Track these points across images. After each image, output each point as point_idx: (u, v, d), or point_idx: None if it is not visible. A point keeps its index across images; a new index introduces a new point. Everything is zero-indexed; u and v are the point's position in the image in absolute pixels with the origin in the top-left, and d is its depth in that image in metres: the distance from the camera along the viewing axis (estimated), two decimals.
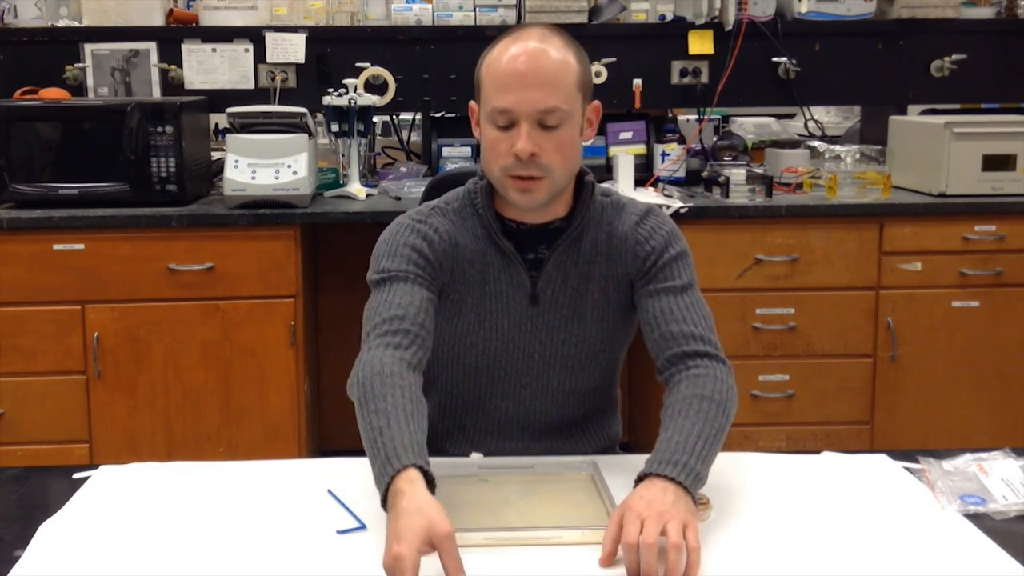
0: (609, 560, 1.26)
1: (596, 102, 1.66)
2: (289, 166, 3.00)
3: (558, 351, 1.69)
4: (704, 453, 1.40)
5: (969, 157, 3.11)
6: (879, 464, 1.58)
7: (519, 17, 3.41)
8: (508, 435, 1.75)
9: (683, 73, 3.48)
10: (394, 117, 3.80)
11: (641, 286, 1.66)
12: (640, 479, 1.37)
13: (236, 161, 3.01)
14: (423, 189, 2.19)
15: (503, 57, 1.55)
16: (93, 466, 1.59)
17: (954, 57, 3.49)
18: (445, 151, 3.44)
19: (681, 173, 3.39)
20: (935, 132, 3.15)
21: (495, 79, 1.55)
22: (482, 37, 1.66)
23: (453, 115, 3.52)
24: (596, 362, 1.72)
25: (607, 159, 3.42)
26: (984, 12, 3.57)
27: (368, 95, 3.26)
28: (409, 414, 1.38)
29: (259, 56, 3.41)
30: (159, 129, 2.99)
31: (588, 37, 3.36)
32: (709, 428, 1.44)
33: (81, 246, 2.94)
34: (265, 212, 2.97)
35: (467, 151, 3.39)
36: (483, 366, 1.70)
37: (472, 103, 1.66)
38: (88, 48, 3.39)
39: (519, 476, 1.51)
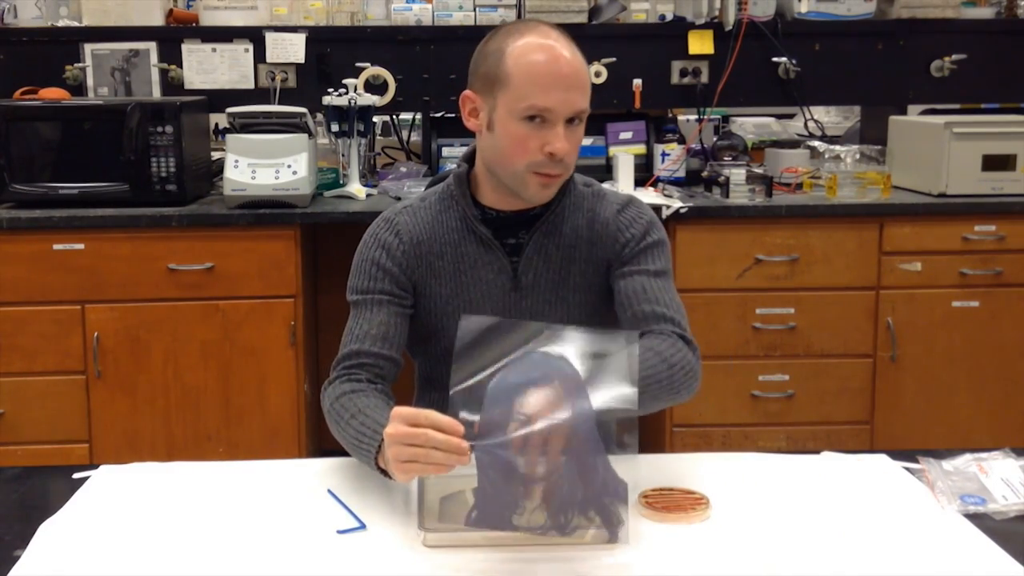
0: None
1: None
2: (289, 166, 3.00)
3: None
4: None
5: (969, 157, 3.11)
6: (879, 464, 1.58)
7: (519, 17, 3.40)
8: None
9: (683, 73, 3.48)
10: (394, 117, 3.80)
11: (616, 268, 1.70)
12: None
13: (236, 161, 3.01)
14: (423, 189, 2.19)
15: (537, 54, 1.56)
16: (93, 466, 1.58)
17: (954, 57, 3.49)
18: (445, 151, 3.44)
19: (681, 173, 3.39)
20: (935, 132, 3.15)
21: (534, 79, 1.55)
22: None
23: (453, 115, 3.52)
24: None
25: (607, 159, 3.42)
26: (984, 12, 3.57)
27: (368, 95, 3.26)
28: (381, 404, 1.52)
29: (259, 56, 3.41)
30: (159, 129, 2.99)
31: (588, 37, 3.37)
32: (644, 368, 1.44)
33: (81, 246, 2.94)
34: (265, 212, 2.97)
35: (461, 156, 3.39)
36: None
37: (469, 93, 1.65)
38: (88, 48, 3.39)
39: None
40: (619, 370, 1.33)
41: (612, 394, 1.30)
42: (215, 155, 3.41)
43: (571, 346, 1.33)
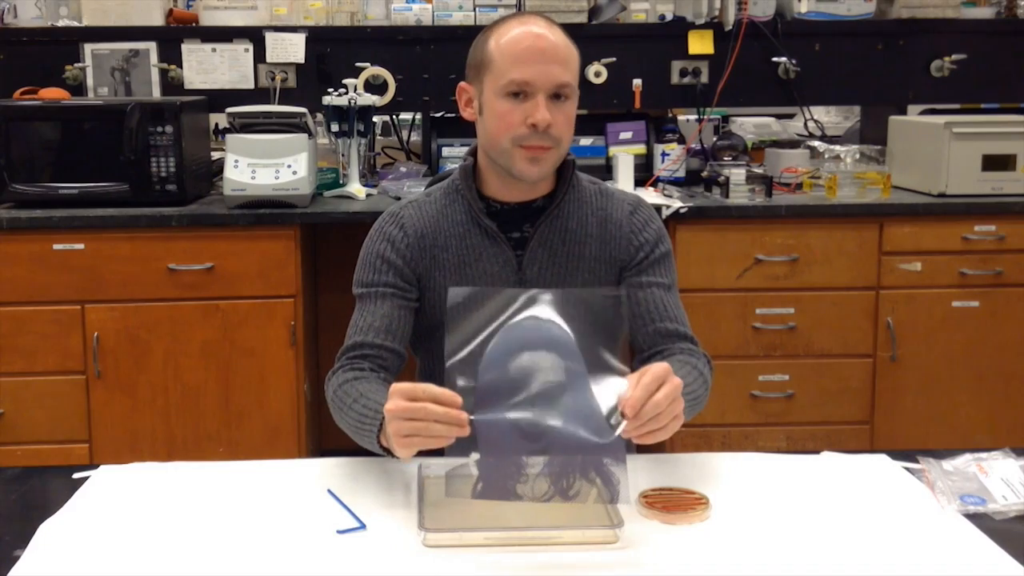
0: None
1: None
2: (289, 166, 3.00)
3: None
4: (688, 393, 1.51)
5: (969, 157, 3.11)
6: (879, 464, 1.58)
7: None
8: None
9: (683, 73, 3.48)
10: (394, 117, 3.80)
11: (631, 275, 1.73)
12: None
13: (236, 161, 3.01)
14: (423, 189, 2.19)
15: (519, 36, 1.62)
16: (93, 466, 1.58)
17: (954, 57, 3.49)
18: (445, 151, 3.44)
19: (681, 173, 3.39)
20: (935, 132, 3.15)
21: (514, 55, 1.61)
22: None
23: (453, 115, 3.52)
24: None
25: (607, 159, 3.42)
26: (984, 12, 3.57)
27: (368, 95, 3.26)
28: (382, 388, 1.52)
29: (259, 56, 3.41)
30: (159, 129, 2.99)
31: (588, 37, 3.37)
32: (693, 384, 1.59)
33: (81, 246, 2.94)
34: (265, 212, 2.97)
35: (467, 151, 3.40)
36: None
37: (463, 84, 1.71)
38: (88, 48, 3.39)
39: None
40: (608, 330, 1.36)
41: (604, 356, 1.34)
42: (215, 155, 3.41)
43: (560, 309, 1.35)
